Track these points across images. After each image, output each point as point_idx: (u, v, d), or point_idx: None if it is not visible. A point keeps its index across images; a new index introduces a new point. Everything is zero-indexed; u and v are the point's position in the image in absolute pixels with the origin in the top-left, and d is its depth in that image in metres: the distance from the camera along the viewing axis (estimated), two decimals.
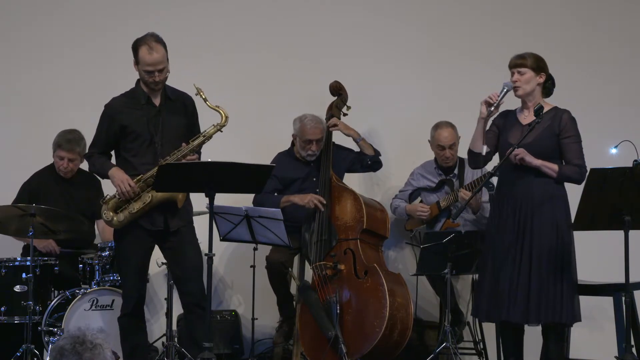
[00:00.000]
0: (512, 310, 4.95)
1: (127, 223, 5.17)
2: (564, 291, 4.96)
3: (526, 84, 5.05)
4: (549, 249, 4.96)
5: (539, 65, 5.08)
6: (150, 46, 5.09)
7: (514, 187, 5.05)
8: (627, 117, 6.65)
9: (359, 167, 6.33)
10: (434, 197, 6.25)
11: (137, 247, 5.22)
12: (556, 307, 4.93)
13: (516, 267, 4.97)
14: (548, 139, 5.03)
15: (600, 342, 5.60)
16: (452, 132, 6.18)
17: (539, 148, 5.01)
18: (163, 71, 5.13)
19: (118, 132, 5.20)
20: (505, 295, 4.96)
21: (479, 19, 6.88)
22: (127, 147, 5.22)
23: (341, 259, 5.85)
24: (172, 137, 5.18)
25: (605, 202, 4.69)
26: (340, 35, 6.82)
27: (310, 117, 6.18)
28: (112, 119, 5.22)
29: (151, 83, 5.15)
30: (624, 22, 6.88)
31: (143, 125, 5.18)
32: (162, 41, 5.16)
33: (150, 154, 5.18)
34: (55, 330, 5.62)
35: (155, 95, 5.22)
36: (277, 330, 6.23)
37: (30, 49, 6.73)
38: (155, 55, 5.09)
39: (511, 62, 5.11)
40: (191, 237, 5.27)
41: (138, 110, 5.20)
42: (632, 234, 4.72)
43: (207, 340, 4.85)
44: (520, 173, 5.03)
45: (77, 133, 6.11)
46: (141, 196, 5.13)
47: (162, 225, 5.19)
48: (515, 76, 5.07)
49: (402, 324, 5.68)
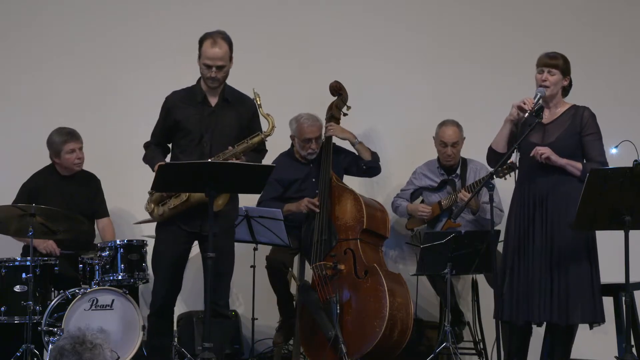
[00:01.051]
0: (544, 311, 4.95)
1: (166, 218, 5.13)
2: (594, 290, 4.98)
3: (554, 85, 5.04)
4: (574, 249, 4.97)
5: (568, 67, 5.09)
6: (215, 40, 5.04)
7: (538, 187, 5.03)
8: (627, 117, 6.64)
9: (355, 170, 6.32)
10: (435, 196, 6.25)
11: (172, 245, 5.18)
12: (585, 306, 4.95)
13: (546, 268, 4.97)
14: (570, 138, 5.02)
15: (600, 342, 5.59)
16: (457, 130, 6.18)
17: (562, 147, 5.00)
18: (222, 69, 5.07)
19: (172, 126, 5.18)
20: (539, 295, 4.95)
21: (479, 18, 6.88)
22: (179, 142, 5.20)
23: (341, 259, 5.85)
24: (222, 138, 5.11)
25: (605, 202, 4.68)
26: (340, 35, 6.82)
27: (307, 116, 6.18)
28: (168, 111, 5.20)
29: (208, 79, 5.08)
30: (624, 22, 6.88)
31: (195, 123, 5.13)
32: (229, 39, 5.10)
33: (197, 153, 5.12)
34: (55, 330, 5.61)
35: (212, 95, 5.17)
36: (277, 330, 6.23)
37: (30, 49, 6.73)
38: (217, 50, 5.03)
39: (542, 61, 5.07)
40: (227, 244, 5.17)
41: (193, 107, 5.16)
42: (632, 234, 4.72)
43: (207, 340, 4.85)
44: (544, 172, 5.01)
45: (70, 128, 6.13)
46: (180, 193, 5.09)
47: (197, 228, 5.13)
48: (545, 75, 5.04)
49: (402, 324, 5.68)
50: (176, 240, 5.17)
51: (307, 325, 5.83)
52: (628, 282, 4.73)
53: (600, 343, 5.59)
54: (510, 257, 5.09)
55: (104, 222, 6.26)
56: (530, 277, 4.99)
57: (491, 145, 5.19)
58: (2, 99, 6.69)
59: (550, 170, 5.01)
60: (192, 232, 5.16)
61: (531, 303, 4.97)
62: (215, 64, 5.04)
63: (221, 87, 5.16)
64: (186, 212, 5.10)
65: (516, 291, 5.03)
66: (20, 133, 6.64)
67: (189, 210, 5.10)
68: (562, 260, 4.96)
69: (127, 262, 5.77)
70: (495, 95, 6.70)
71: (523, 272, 5.02)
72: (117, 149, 6.56)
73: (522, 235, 5.06)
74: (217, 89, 5.14)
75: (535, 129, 5.02)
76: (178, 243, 5.18)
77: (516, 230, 5.10)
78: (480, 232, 5.63)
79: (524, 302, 4.99)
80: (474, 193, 5.52)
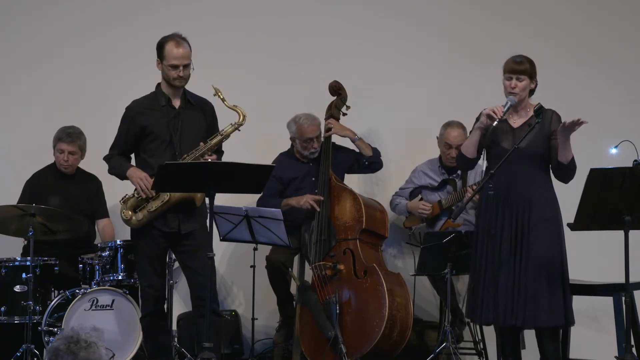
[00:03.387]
0: (510, 315, 4.92)
1: (145, 222, 5.19)
2: (565, 294, 4.96)
3: (522, 90, 5.04)
4: (545, 252, 4.95)
5: (534, 70, 5.08)
6: (177, 41, 5.18)
7: (509, 191, 5.01)
8: (627, 117, 6.64)
9: (357, 167, 6.33)
10: (435, 196, 6.25)
11: (153, 248, 5.25)
12: (556, 310, 4.92)
13: (514, 272, 4.95)
14: (541, 142, 5.01)
15: (600, 342, 5.60)
16: (462, 132, 6.17)
17: (534, 151, 4.99)
18: (187, 67, 5.18)
19: (138, 133, 5.26)
20: (506, 299, 4.94)
21: (479, 19, 6.88)
22: (146, 147, 5.27)
23: (340, 259, 5.85)
24: (191, 138, 5.21)
25: (605, 202, 4.68)
26: (340, 35, 6.82)
27: (305, 116, 6.19)
28: (133, 120, 5.29)
29: (175, 79, 5.19)
30: (624, 22, 6.88)
31: (162, 126, 5.23)
32: (188, 41, 5.24)
33: (168, 154, 5.19)
34: (55, 330, 5.61)
35: (175, 98, 5.28)
36: (277, 330, 6.23)
37: (31, 49, 6.74)
38: (182, 50, 5.16)
39: (509, 67, 5.06)
40: (206, 240, 5.18)
41: (157, 111, 5.26)
42: (632, 234, 4.72)
43: (207, 340, 4.85)
44: (514, 175, 5.00)
45: (77, 128, 6.14)
46: (159, 195, 5.15)
47: (176, 227, 5.20)
48: (513, 82, 5.04)
49: (401, 323, 5.68)
50: (155, 242, 5.24)
51: (307, 325, 5.83)
52: (628, 282, 4.74)
53: (600, 343, 5.59)
54: (482, 259, 5.04)
55: (104, 223, 6.26)
56: (504, 281, 4.93)
57: (461, 150, 5.21)
58: (3, 99, 6.69)
59: (521, 174, 4.98)
60: (170, 232, 5.21)
61: (507, 308, 4.94)
62: (182, 63, 5.16)
63: (182, 90, 5.28)
64: (164, 211, 5.18)
65: (489, 294, 5.00)
66: (21, 133, 6.64)
67: (167, 209, 5.17)
68: (535, 264, 4.92)
69: (127, 262, 5.77)
70: (495, 95, 6.69)
71: (497, 277, 4.99)
72: None
73: (494, 238, 5.00)
74: (178, 91, 5.26)
75: (505, 134, 5.03)
76: (157, 244, 5.25)
77: (485, 232, 5.05)
78: None
79: (499, 305, 4.93)
80: (474, 192, 5.51)
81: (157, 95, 5.29)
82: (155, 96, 5.30)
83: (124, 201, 5.25)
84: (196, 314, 5.30)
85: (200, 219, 5.25)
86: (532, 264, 4.93)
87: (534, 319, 4.93)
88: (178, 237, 5.24)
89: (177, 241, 5.27)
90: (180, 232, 5.20)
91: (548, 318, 4.93)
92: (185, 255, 5.28)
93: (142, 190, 5.14)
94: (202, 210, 5.25)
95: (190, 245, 5.22)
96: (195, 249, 5.20)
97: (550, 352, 5.05)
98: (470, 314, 5.19)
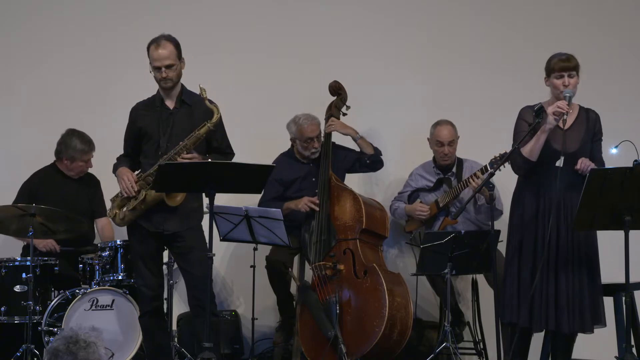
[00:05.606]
0: (560, 319, 4.95)
1: (128, 221, 5.26)
2: (599, 295, 5.04)
3: (574, 87, 5.03)
4: (583, 255, 4.99)
5: (579, 67, 5.08)
6: (158, 43, 5.19)
7: (564, 193, 5.01)
8: (627, 117, 6.64)
9: (359, 166, 6.33)
10: (431, 196, 6.24)
11: (143, 246, 5.28)
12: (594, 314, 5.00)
13: (557, 275, 4.98)
14: (587, 144, 5.07)
15: (600, 342, 5.59)
16: (452, 129, 6.19)
17: (584, 153, 5.03)
18: (171, 68, 5.18)
19: (137, 134, 5.32)
20: (549, 304, 4.96)
21: (479, 19, 6.88)
22: (143, 149, 5.33)
23: (340, 259, 5.85)
24: (179, 140, 5.19)
25: (605, 202, 4.68)
26: (340, 35, 6.82)
27: (304, 117, 6.19)
28: (133, 122, 5.36)
29: (161, 81, 5.22)
30: (624, 22, 6.88)
31: (154, 128, 5.27)
32: (174, 40, 5.24)
33: (157, 156, 5.22)
34: (55, 331, 5.62)
35: (170, 99, 5.29)
36: (277, 330, 6.23)
37: (31, 49, 6.74)
38: (161, 51, 5.17)
39: (559, 66, 5.02)
40: (197, 242, 5.24)
41: (153, 113, 5.30)
42: (632, 234, 4.72)
43: (207, 340, 4.86)
44: (571, 179, 4.99)
45: (86, 135, 6.18)
46: (140, 194, 5.19)
47: (160, 227, 5.22)
48: (566, 79, 5.00)
49: (401, 323, 5.68)
50: (145, 241, 5.27)
51: (307, 325, 5.83)
52: (628, 282, 4.73)
53: (600, 343, 5.58)
54: (523, 261, 5.06)
55: (103, 222, 6.26)
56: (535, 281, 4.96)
57: (524, 155, 5.05)
58: (3, 99, 6.69)
59: (567, 177, 4.98)
60: (156, 231, 5.23)
61: (536, 310, 4.97)
62: (163, 64, 5.17)
63: (178, 90, 5.28)
64: (148, 212, 5.20)
65: (517, 294, 5.02)
66: (21, 133, 6.64)
67: (151, 210, 5.19)
68: (576, 268, 4.97)
69: (127, 262, 5.78)
70: (494, 95, 6.71)
71: (526, 276, 5.01)
72: (117, 149, 6.54)
73: (532, 239, 5.04)
74: (172, 90, 5.26)
75: (554, 135, 4.99)
76: (148, 243, 5.27)
77: (525, 235, 5.07)
78: (480, 232, 5.62)
79: (543, 309, 4.98)
80: (475, 191, 5.50)
81: (154, 97, 5.34)
82: (154, 98, 5.35)
83: (112, 200, 5.36)
84: (192, 314, 5.32)
85: (188, 220, 5.25)
86: (579, 269, 4.98)
87: (585, 323, 4.99)
88: (167, 238, 5.27)
89: (168, 242, 5.31)
90: (163, 232, 5.22)
91: (591, 323, 5.02)
92: (177, 256, 5.33)
93: (123, 189, 5.22)
94: (190, 211, 5.26)
95: (181, 247, 5.25)
96: (186, 250, 5.23)
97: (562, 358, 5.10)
98: (527, 322, 5.09)
